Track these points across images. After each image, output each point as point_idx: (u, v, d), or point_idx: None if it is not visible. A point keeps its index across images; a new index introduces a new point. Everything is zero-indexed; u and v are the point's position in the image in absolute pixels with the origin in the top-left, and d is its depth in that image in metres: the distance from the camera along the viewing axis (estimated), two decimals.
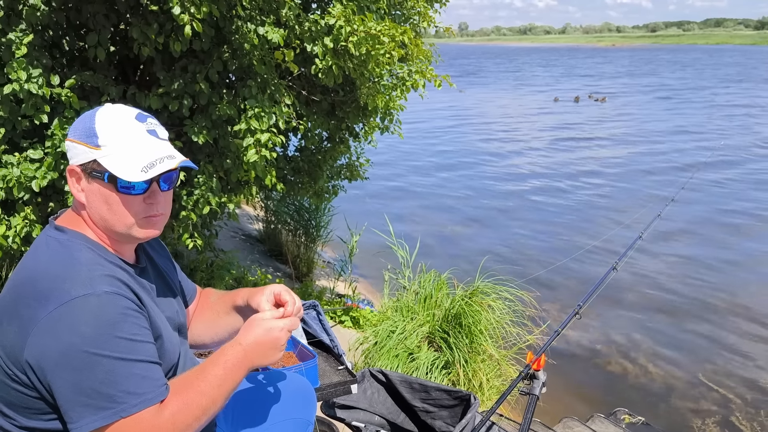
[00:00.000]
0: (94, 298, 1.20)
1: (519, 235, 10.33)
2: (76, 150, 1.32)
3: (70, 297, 1.19)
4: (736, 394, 5.50)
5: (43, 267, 1.26)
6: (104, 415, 1.15)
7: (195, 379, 1.29)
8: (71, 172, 1.33)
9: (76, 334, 1.16)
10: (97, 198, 1.32)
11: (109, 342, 1.17)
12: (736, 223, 10.76)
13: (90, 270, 1.26)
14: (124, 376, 1.17)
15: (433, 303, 4.65)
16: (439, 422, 2.69)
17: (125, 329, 1.21)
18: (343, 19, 3.64)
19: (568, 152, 17.75)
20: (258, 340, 1.37)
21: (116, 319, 1.21)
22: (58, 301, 1.18)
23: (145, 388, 1.19)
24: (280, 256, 7.98)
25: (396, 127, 5.16)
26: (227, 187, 4.14)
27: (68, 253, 1.29)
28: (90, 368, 1.16)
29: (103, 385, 1.16)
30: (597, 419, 3.65)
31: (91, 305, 1.19)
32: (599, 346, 6.43)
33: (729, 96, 32.78)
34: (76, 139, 1.32)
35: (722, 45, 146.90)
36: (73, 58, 3.80)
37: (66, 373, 1.16)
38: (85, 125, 1.33)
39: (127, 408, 1.16)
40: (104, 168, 1.29)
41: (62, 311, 1.17)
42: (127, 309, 1.24)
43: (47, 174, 3.29)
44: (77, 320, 1.17)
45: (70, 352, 1.15)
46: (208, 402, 1.26)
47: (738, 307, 7.38)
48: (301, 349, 2.39)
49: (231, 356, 1.33)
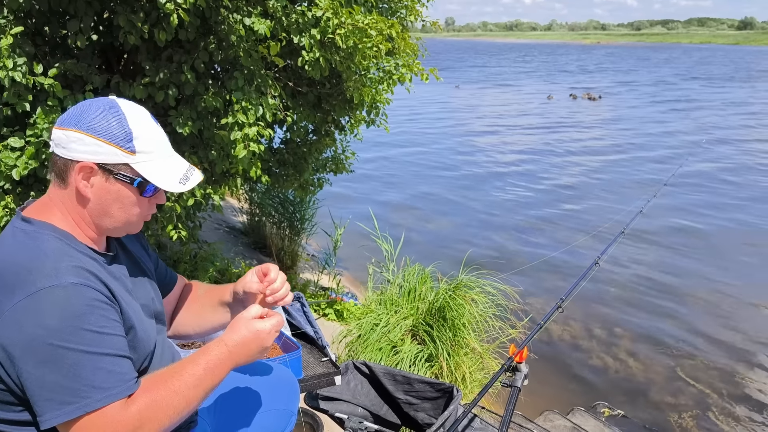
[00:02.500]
0: (59, 289, 1.17)
1: (503, 229, 10.40)
2: (100, 149, 1.28)
3: (36, 288, 1.16)
4: (713, 389, 5.60)
5: (8, 258, 1.23)
6: (68, 410, 1.13)
7: (170, 377, 1.26)
8: (84, 168, 1.29)
9: (40, 326, 1.13)
10: (110, 197, 1.32)
11: (74, 334, 1.15)
12: (718, 216, 10.92)
13: (56, 261, 1.22)
14: (89, 370, 1.15)
15: (417, 296, 4.68)
16: (422, 414, 2.71)
17: (92, 321, 1.18)
18: (331, 11, 3.63)
19: (554, 147, 17.87)
20: (244, 341, 1.34)
21: (82, 311, 1.18)
22: (24, 292, 1.15)
23: (111, 382, 1.17)
24: (264, 249, 7.95)
25: (382, 121, 5.16)
26: (212, 179, 4.12)
27: (34, 244, 1.26)
28: (54, 361, 1.13)
29: (67, 379, 1.13)
30: (577, 412, 3.71)
31: (56, 297, 1.16)
32: (581, 340, 6.51)
33: (724, 94, 33.26)
34: (105, 140, 1.28)
35: (705, 44, 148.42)
36: (56, 47, 3.75)
37: (30, 366, 1.13)
38: (120, 128, 1.30)
39: (91, 403, 1.14)
40: (138, 174, 1.31)
41: (27, 303, 1.15)
42: (94, 300, 1.21)
43: (28, 163, 3.25)
44: (42, 312, 1.14)
45: (35, 345, 1.13)
46: (180, 401, 1.23)
47: (717, 303, 7.51)
48: (285, 341, 2.40)
49: (214, 356, 1.30)
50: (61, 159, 1.31)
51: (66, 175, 1.31)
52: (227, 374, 1.33)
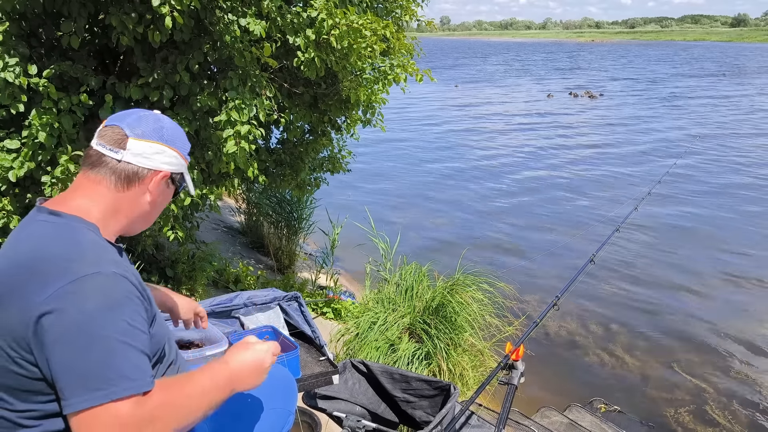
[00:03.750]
0: (103, 277, 1.21)
1: (500, 227, 10.43)
2: (176, 160, 1.48)
3: (80, 275, 1.19)
4: (709, 384, 5.64)
5: (47, 248, 1.26)
6: (96, 395, 1.14)
7: (182, 381, 1.28)
8: (165, 177, 1.45)
9: (80, 311, 1.16)
10: (164, 201, 1.51)
11: (111, 322, 1.18)
12: (711, 214, 10.97)
13: (97, 251, 1.28)
14: (120, 359, 1.17)
15: (414, 295, 4.69)
16: (420, 412, 2.72)
17: (127, 313, 1.21)
18: (326, 12, 3.64)
19: (554, 146, 17.92)
20: (245, 361, 1.39)
21: (121, 301, 1.21)
22: (68, 278, 1.18)
23: (137, 375, 1.19)
24: (262, 248, 7.97)
25: (378, 120, 5.18)
26: (209, 179, 4.12)
27: (70, 235, 1.29)
28: (88, 346, 1.15)
29: (98, 366, 1.15)
30: (574, 408, 3.73)
31: (99, 283, 1.20)
32: (577, 337, 6.54)
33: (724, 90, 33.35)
34: (177, 150, 1.48)
35: (699, 41, 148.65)
36: (52, 48, 3.75)
37: (65, 349, 1.15)
38: (184, 141, 1.52)
39: (117, 391, 1.15)
40: (185, 181, 1.53)
41: (71, 288, 1.17)
42: (131, 293, 1.25)
43: (24, 164, 3.26)
44: (84, 297, 1.17)
45: (72, 328, 1.15)
46: (191, 405, 1.25)
47: (712, 299, 7.55)
48: (282, 340, 2.40)
49: (217, 372, 1.33)
50: (133, 166, 1.41)
51: (137, 182, 1.42)
52: (227, 396, 1.35)
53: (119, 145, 1.39)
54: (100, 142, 1.40)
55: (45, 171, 3.36)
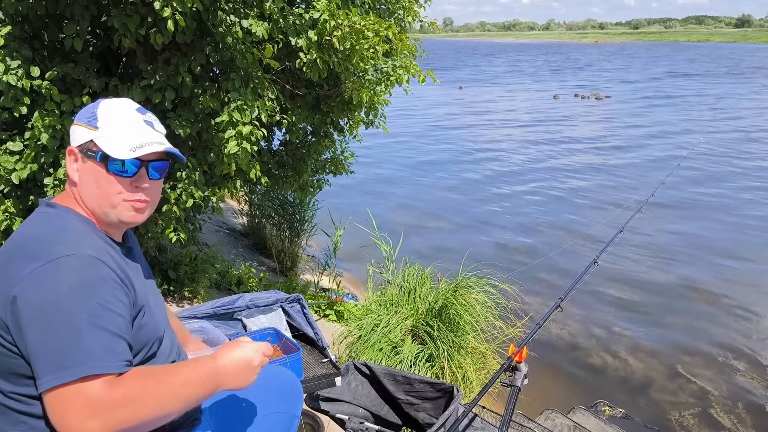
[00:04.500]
0: (77, 258, 1.24)
1: (503, 229, 10.41)
2: (77, 132, 1.43)
3: (56, 256, 1.23)
4: (714, 386, 5.61)
5: (34, 233, 1.32)
6: (65, 374, 1.14)
7: (162, 370, 1.28)
8: (70, 152, 1.42)
9: (53, 290, 1.19)
10: (89, 177, 1.40)
11: (82, 301, 1.20)
12: (715, 216, 10.93)
13: (78, 236, 1.32)
14: (88, 338, 1.18)
15: (417, 297, 4.68)
16: (423, 414, 2.71)
17: (100, 294, 1.23)
18: (328, 13, 3.64)
19: (560, 148, 17.86)
20: (232, 358, 1.37)
21: (94, 282, 1.23)
22: (44, 259, 1.22)
23: (106, 356, 1.19)
24: (265, 251, 7.96)
25: (381, 122, 5.17)
26: (211, 181, 4.12)
27: (58, 222, 1.35)
28: (59, 325, 1.17)
29: (68, 344, 1.16)
30: (578, 411, 3.70)
31: (73, 264, 1.23)
32: (580, 339, 6.51)
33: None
34: (78, 122, 1.44)
35: (703, 42, 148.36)
36: (54, 50, 3.75)
37: (37, 328, 1.17)
38: (88, 110, 1.45)
39: (85, 369, 1.15)
40: (99, 148, 1.39)
41: (46, 268, 1.21)
42: (107, 276, 1.26)
43: (27, 166, 3.26)
44: (58, 277, 1.20)
45: (44, 307, 1.18)
46: (167, 394, 1.22)
47: (716, 300, 7.52)
48: (285, 342, 2.40)
49: (201, 365, 1.32)
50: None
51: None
52: (212, 392, 1.33)
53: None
54: None
55: (47, 173, 3.37)
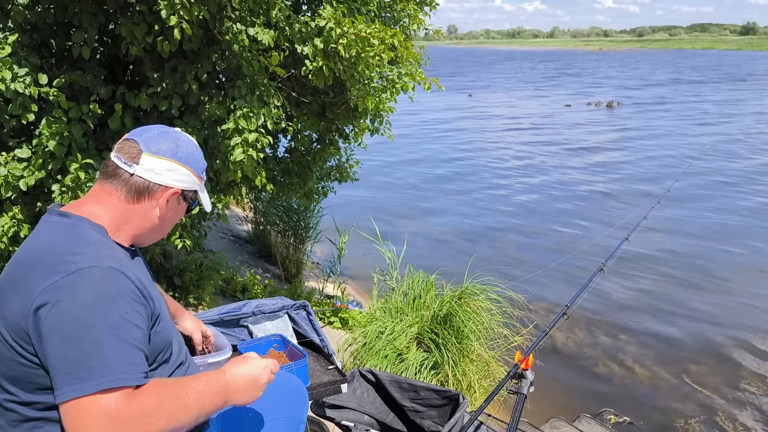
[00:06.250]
0: (98, 270, 1.25)
1: (509, 236, 10.39)
2: (188, 178, 1.52)
3: (77, 268, 1.23)
4: (719, 395, 5.57)
5: (51, 244, 1.31)
6: (84, 386, 1.15)
7: (176, 384, 1.29)
8: (175, 194, 1.50)
9: (74, 302, 1.19)
10: (175, 217, 1.55)
11: (102, 313, 1.20)
12: (722, 223, 10.89)
13: (98, 248, 1.32)
14: (108, 350, 1.18)
15: (422, 304, 4.67)
16: (428, 422, 2.70)
17: (120, 306, 1.24)
18: (334, 21, 3.66)
19: (568, 155, 17.84)
20: (241, 375, 1.40)
21: (114, 293, 1.24)
22: (66, 271, 1.22)
23: (124, 368, 1.20)
24: (269, 257, 7.97)
25: (386, 129, 5.18)
26: (217, 188, 4.14)
27: (75, 233, 1.35)
28: (79, 336, 1.17)
29: (87, 356, 1.17)
30: (583, 419, 3.68)
31: (94, 276, 1.24)
32: (586, 347, 6.49)
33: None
34: (195, 171, 1.54)
35: (708, 50, 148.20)
36: (62, 58, 3.78)
37: (58, 339, 1.18)
38: (199, 161, 1.56)
39: (104, 383, 1.16)
40: (198, 199, 1.58)
41: (67, 280, 1.22)
42: (126, 288, 1.27)
43: (35, 173, 3.28)
44: (79, 289, 1.21)
45: (65, 318, 1.18)
46: (181, 408, 1.24)
47: (723, 309, 7.48)
48: (291, 349, 2.40)
49: (212, 380, 1.34)
50: (144, 180, 1.45)
51: (146, 195, 1.46)
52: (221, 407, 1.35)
53: (133, 159, 1.45)
54: (117, 155, 1.46)
55: (55, 179, 3.39)
